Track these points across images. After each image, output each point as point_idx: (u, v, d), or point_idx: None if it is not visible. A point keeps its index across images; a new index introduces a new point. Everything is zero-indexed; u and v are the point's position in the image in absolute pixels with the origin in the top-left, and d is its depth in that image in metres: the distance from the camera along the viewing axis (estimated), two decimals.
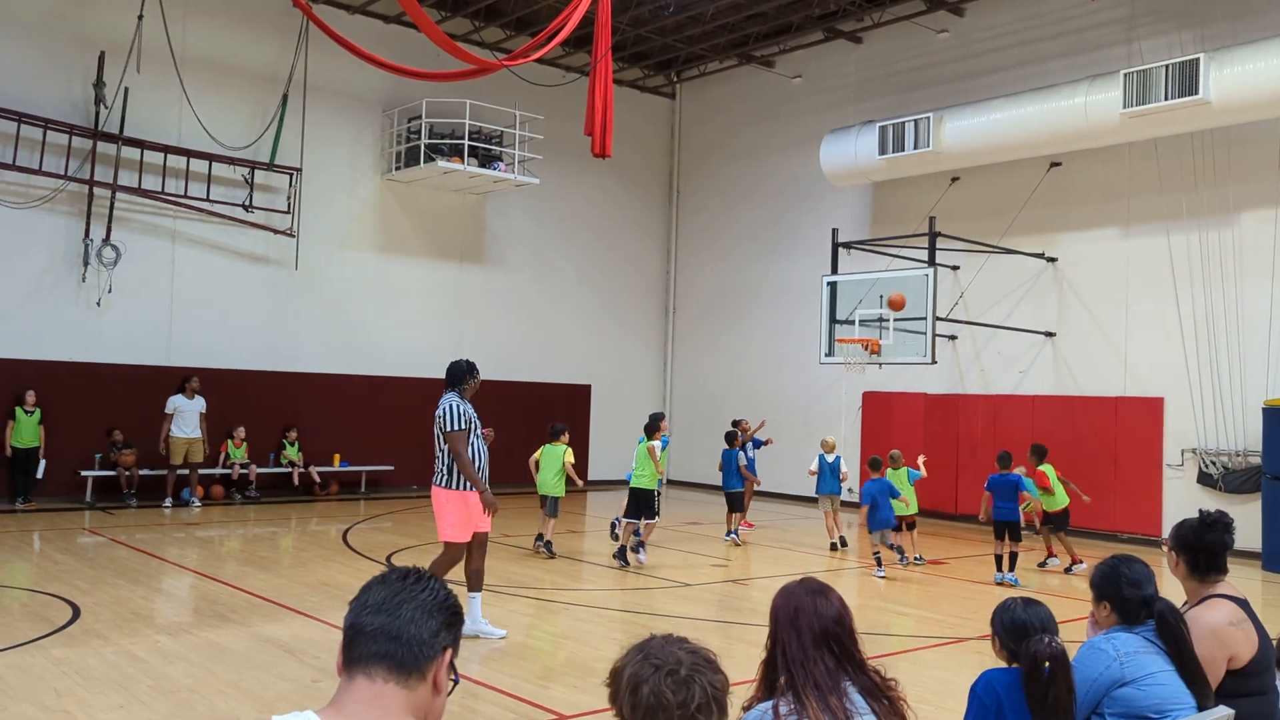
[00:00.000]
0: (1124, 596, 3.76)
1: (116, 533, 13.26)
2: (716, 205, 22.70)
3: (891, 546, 12.33)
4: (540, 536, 12.79)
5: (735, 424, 15.62)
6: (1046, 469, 12.68)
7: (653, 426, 12.75)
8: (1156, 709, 3.53)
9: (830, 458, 14.31)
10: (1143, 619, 3.73)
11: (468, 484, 8.13)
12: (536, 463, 13.12)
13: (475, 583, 8.32)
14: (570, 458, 13.14)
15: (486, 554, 8.47)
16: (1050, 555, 13.16)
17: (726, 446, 14.97)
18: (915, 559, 12.79)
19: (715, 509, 15.84)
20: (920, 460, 13.41)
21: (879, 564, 12.05)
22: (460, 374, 8.33)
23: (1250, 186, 14.70)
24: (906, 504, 12.86)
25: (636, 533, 12.47)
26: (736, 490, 14.81)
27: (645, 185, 23.34)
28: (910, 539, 12.94)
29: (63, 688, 6.47)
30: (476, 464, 8.16)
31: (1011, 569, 11.79)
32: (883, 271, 16.19)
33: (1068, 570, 12.57)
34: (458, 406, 8.13)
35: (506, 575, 10.85)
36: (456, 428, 8.06)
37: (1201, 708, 3.58)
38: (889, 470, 12.94)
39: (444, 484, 8.16)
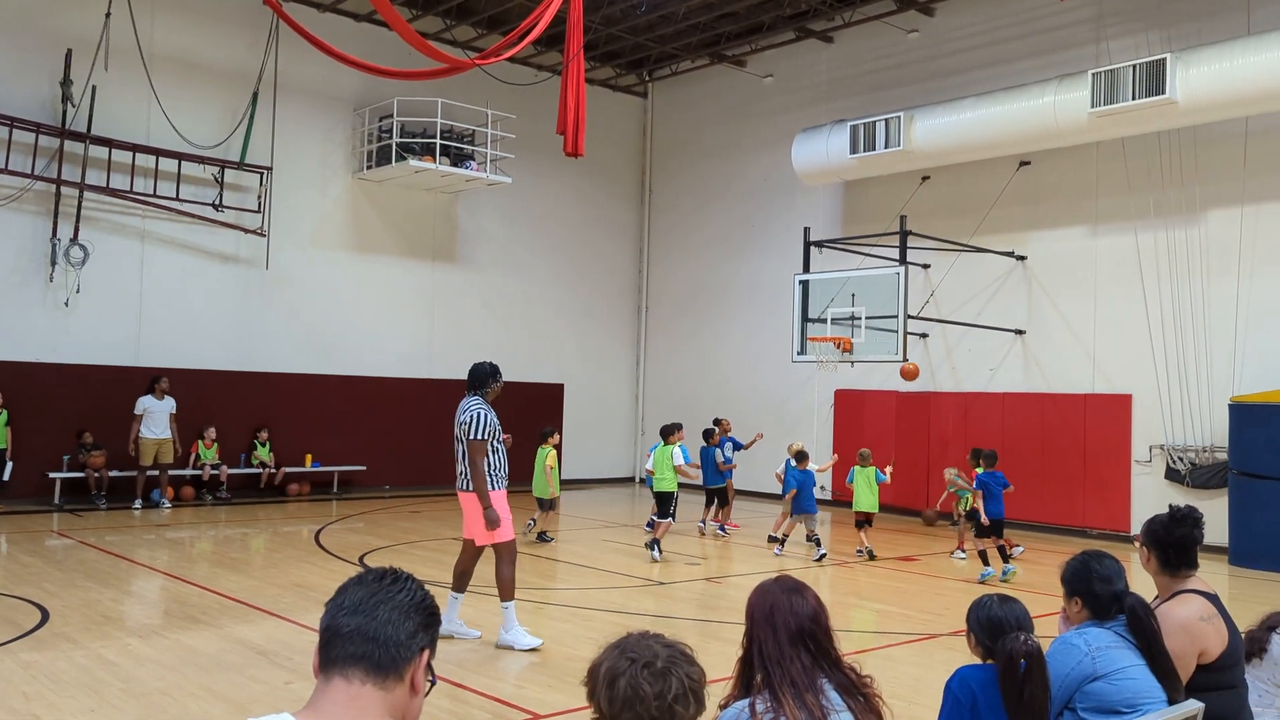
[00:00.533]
0: (1095, 592, 3.80)
1: (85, 535, 13.12)
2: (688, 204, 22.71)
3: (809, 538, 13.21)
4: (542, 533, 13.67)
5: (716, 422, 15.71)
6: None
7: (669, 430, 13.32)
8: (1128, 703, 3.57)
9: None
10: (1114, 614, 3.77)
11: (498, 483, 8.02)
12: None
13: (459, 584, 8.29)
14: (550, 460, 13.44)
15: (477, 562, 8.41)
16: (961, 548, 13.44)
17: (704, 444, 15.10)
18: (861, 550, 13.19)
19: (691, 508, 15.83)
20: (888, 469, 13.64)
21: (780, 544, 13.33)
22: (484, 377, 8.13)
23: (1217, 185, 14.87)
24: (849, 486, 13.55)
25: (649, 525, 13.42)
26: (717, 486, 15.08)
27: (617, 184, 23.32)
28: (863, 534, 13.36)
29: (32, 691, 6.40)
30: (499, 471, 8.05)
31: (1006, 561, 11.95)
32: (854, 270, 16.26)
33: (953, 554, 13.35)
34: (484, 415, 7.95)
35: (482, 575, 10.78)
36: (480, 436, 7.89)
37: (1172, 702, 3.62)
38: (857, 467, 13.51)
39: (473, 488, 8.01)
